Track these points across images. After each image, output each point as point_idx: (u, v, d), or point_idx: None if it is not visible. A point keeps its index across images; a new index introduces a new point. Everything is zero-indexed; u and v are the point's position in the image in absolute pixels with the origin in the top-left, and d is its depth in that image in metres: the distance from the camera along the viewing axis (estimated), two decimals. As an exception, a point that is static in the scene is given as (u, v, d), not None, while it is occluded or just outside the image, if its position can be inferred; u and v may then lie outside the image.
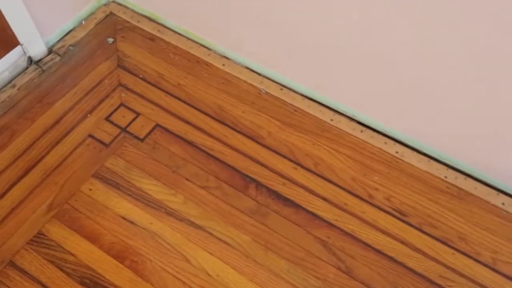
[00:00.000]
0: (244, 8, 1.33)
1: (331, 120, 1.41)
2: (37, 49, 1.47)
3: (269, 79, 1.48)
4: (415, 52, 1.13)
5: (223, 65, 1.51)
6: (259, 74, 1.49)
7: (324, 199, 1.27)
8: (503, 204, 1.27)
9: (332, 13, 1.18)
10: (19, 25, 1.37)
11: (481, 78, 1.09)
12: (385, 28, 1.12)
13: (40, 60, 1.49)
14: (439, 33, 1.05)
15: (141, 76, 1.48)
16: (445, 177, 1.31)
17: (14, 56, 1.42)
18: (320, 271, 1.17)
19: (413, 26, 1.08)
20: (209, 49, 1.54)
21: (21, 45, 1.42)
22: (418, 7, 1.03)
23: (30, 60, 1.47)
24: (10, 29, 1.36)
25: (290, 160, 1.34)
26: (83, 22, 1.59)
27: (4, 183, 1.26)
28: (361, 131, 1.39)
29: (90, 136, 1.36)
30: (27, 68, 1.47)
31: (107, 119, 1.40)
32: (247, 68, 1.50)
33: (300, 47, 1.33)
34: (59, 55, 1.51)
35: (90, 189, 1.27)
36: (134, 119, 1.40)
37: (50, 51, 1.52)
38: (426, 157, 1.34)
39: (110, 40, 1.56)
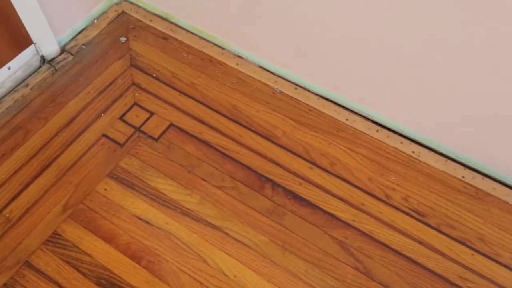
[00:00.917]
0: (258, 7, 1.32)
1: (346, 119, 1.40)
2: (50, 48, 1.46)
3: (283, 78, 1.47)
4: (430, 50, 1.12)
5: (237, 64, 1.50)
6: (273, 74, 1.48)
7: (341, 199, 1.26)
8: (521, 204, 1.26)
9: (347, 12, 1.17)
10: (33, 24, 1.36)
11: (499, 78, 1.08)
12: (399, 27, 1.11)
13: (52, 60, 1.48)
14: (455, 32, 1.04)
15: (154, 75, 1.48)
16: (463, 177, 1.30)
17: (27, 56, 1.42)
18: (338, 271, 1.16)
19: (429, 24, 1.07)
20: (222, 48, 1.53)
21: (34, 44, 1.41)
22: (436, 7, 1.03)
23: (43, 60, 1.47)
24: (24, 28, 1.35)
25: (305, 159, 1.33)
26: (95, 21, 1.58)
27: (19, 182, 1.25)
28: (377, 131, 1.38)
29: (104, 135, 1.35)
30: (39, 67, 1.46)
31: (121, 118, 1.39)
32: (261, 67, 1.49)
33: (314, 47, 1.32)
34: (71, 54, 1.50)
35: (105, 189, 1.26)
36: (148, 119, 1.39)
37: (62, 50, 1.51)
38: (443, 157, 1.33)
39: (123, 39, 1.55)
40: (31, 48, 1.42)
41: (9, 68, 1.38)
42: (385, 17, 1.12)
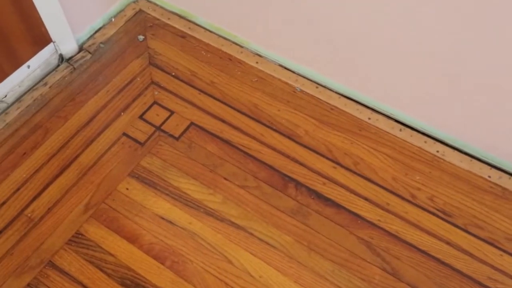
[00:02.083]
0: (277, 5, 1.31)
1: (369, 118, 1.38)
2: (69, 47, 1.45)
3: (304, 77, 1.45)
4: (454, 49, 1.10)
5: (257, 62, 1.48)
6: (294, 72, 1.46)
7: (366, 199, 1.25)
8: (549, 204, 1.24)
9: (370, 12, 1.15)
10: (52, 22, 1.35)
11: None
12: (418, 28, 1.10)
13: (71, 58, 1.47)
14: (476, 32, 1.03)
15: (173, 74, 1.46)
16: (489, 176, 1.28)
17: (46, 54, 1.40)
18: (365, 272, 1.15)
19: (450, 22, 1.05)
20: (241, 46, 1.51)
21: (53, 42, 1.40)
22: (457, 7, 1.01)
23: (61, 58, 1.45)
24: (44, 26, 1.34)
25: (328, 159, 1.31)
26: (113, 20, 1.57)
27: (40, 182, 1.24)
28: (400, 130, 1.36)
29: (125, 134, 1.34)
30: (58, 66, 1.45)
31: (141, 117, 1.37)
32: (281, 65, 1.47)
33: (336, 46, 1.31)
34: (89, 52, 1.49)
35: (127, 189, 1.24)
36: (168, 117, 1.37)
37: (80, 48, 1.49)
38: (468, 156, 1.31)
39: (141, 37, 1.54)
40: (50, 47, 1.40)
41: (28, 67, 1.37)
42: (406, 18, 1.10)
